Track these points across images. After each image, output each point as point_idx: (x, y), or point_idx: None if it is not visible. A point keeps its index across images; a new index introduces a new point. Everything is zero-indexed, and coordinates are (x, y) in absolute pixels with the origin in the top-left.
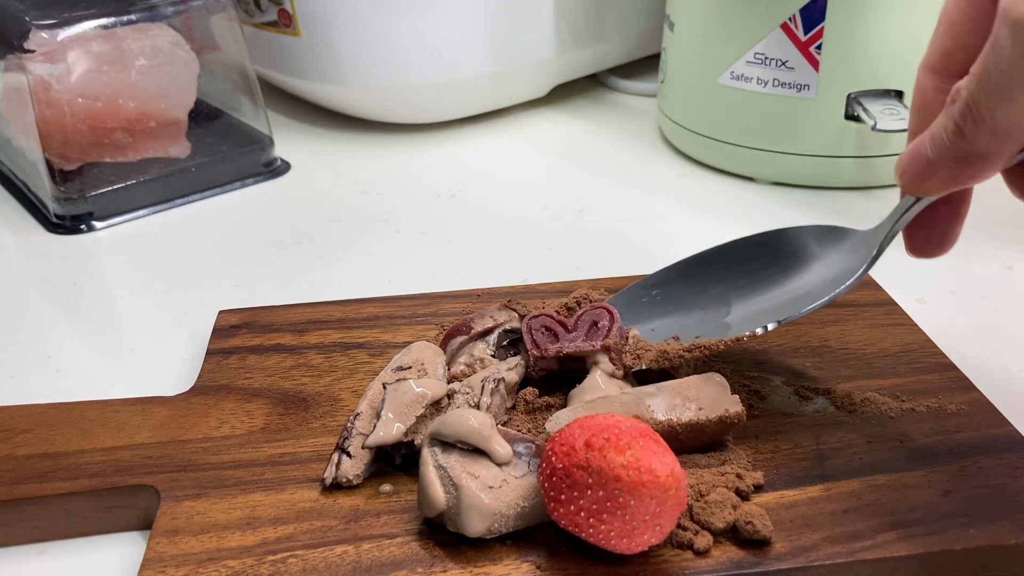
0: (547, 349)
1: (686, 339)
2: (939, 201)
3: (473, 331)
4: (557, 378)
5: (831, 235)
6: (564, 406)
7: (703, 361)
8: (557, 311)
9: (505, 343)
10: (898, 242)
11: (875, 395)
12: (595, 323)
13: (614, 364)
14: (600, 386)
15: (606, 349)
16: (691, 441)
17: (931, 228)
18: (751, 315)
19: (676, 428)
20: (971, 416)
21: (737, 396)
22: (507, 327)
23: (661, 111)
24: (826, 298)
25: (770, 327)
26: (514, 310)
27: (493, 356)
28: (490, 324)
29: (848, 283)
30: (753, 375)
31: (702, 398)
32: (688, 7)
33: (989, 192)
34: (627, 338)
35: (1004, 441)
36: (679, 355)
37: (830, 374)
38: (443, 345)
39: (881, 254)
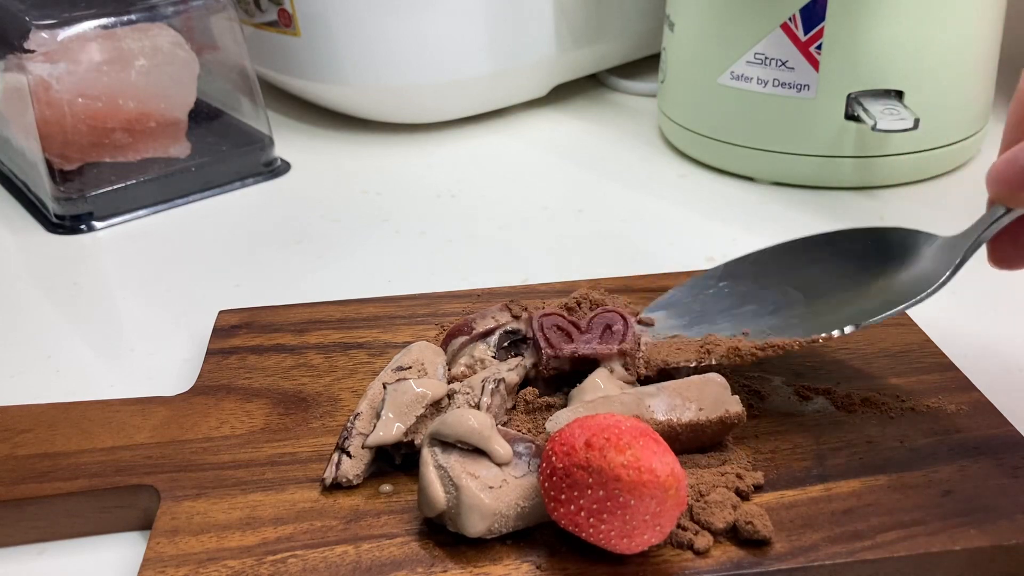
0: (562, 349)
1: (756, 336)
2: None
3: (474, 332)
4: (559, 378)
5: (912, 238)
6: (564, 406)
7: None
8: (558, 310)
9: (506, 344)
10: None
11: (875, 395)
12: (609, 327)
13: (627, 369)
14: (600, 386)
15: (622, 354)
16: (691, 441)
17: (1018, 239)
18: (826, 316)
19: (676, 428)
20: (971, 416)
21: (737, 396)
22: (508, 328)
23: (661, 111)
24: (905, 304)
25: (847, 330)
26: (511, 310)
27: (494, 357)
28: (491, 325)
29: (929, 290)
30: (753, 375)
31: (702, 398)
32: (688, 7)
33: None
34: (639, 343)
35: (1004, 441)
36: (752, 353)
37: (830, 374)
38: (444, 345)
39: (964, 263)
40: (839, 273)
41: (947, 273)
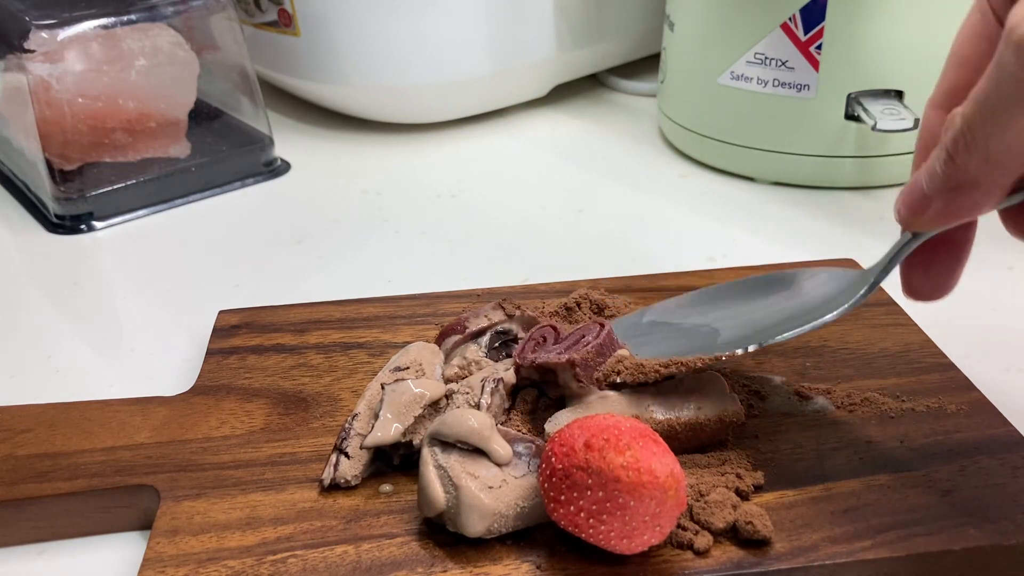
0: (525, 359)
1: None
2: (938, 242)
3: (467, 331)
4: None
5: (832, 273)
6: (564, 406)
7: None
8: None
9: (497, 344)
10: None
11: (875, 395)
12: (583, 336)
13: (578, 380)
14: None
15: (571, 363)
16: (690, 441)
17: (930, 270)
18: (737, 337)
19: (675, 427)
20: (971, 416)
21: (736, 396)
22: (499, 329)
23: (661, 111)
24: (809, 325)
25: (751, 348)
26: (504, 309)
27: (486, 357)
28: (484, 324)
29: (833, 313)
30: (753, 375)
31: (701, 397)
32: (688, 7)
33: None
34: (607, 354)
35: (1004, 441)
36: (655, 370)
37: (830, 374)
38: (438, 343)
39: (874, 289)
40: (760, 304)
41: (854, 298)
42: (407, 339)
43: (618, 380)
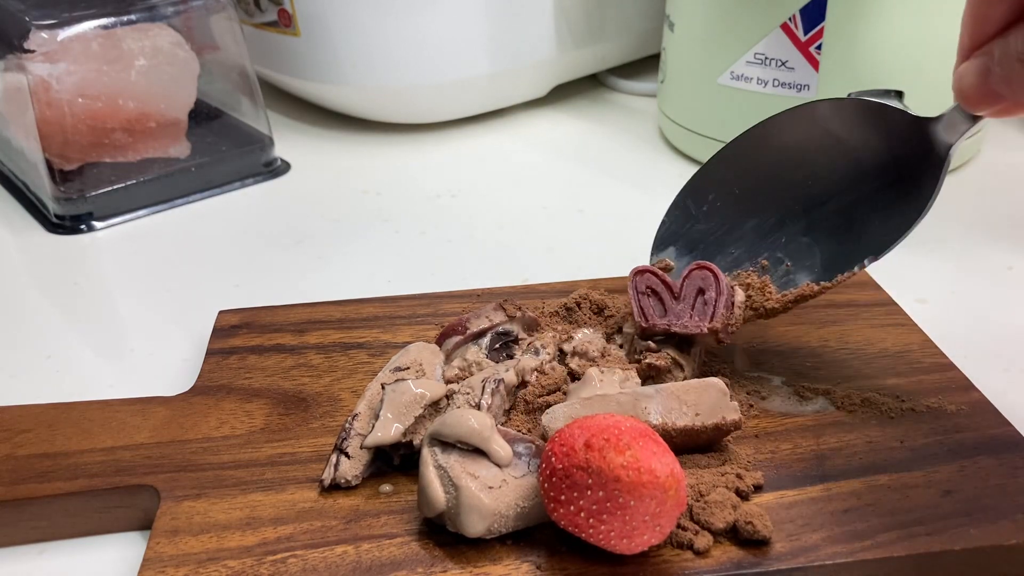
0: (655, 323)
1: (773, 263)
2: None
3: (468, 331)
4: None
5: (886, 116)
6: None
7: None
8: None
9: (498, 346)
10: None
11: (875, 395)
12: (702, 292)
13: (719, 342)
14: (596, 385)
15: (713, 332)
16: (685, 444)
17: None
18: (833, 235)
19: (671, 432)
20: (971, 416)
21: (736, 404)
22: (500, 330)
23: (661, 111)
24: (915, 225)
25: (867, 263)
26: (505, 310)
27: (487, 357)
28: (485, 324)
29: (926, 209)
30: (753, 375)
31: (700, 403)
32: (688, 7)
33: (989, 192)
34: (732, 307)
35: (1004, 441)
36: (784, 306)
37: (830, 374)
38: (438, 343)
39: (947, 170)
40: (822, 165)
41: (934, 191)
42: (407, 339)
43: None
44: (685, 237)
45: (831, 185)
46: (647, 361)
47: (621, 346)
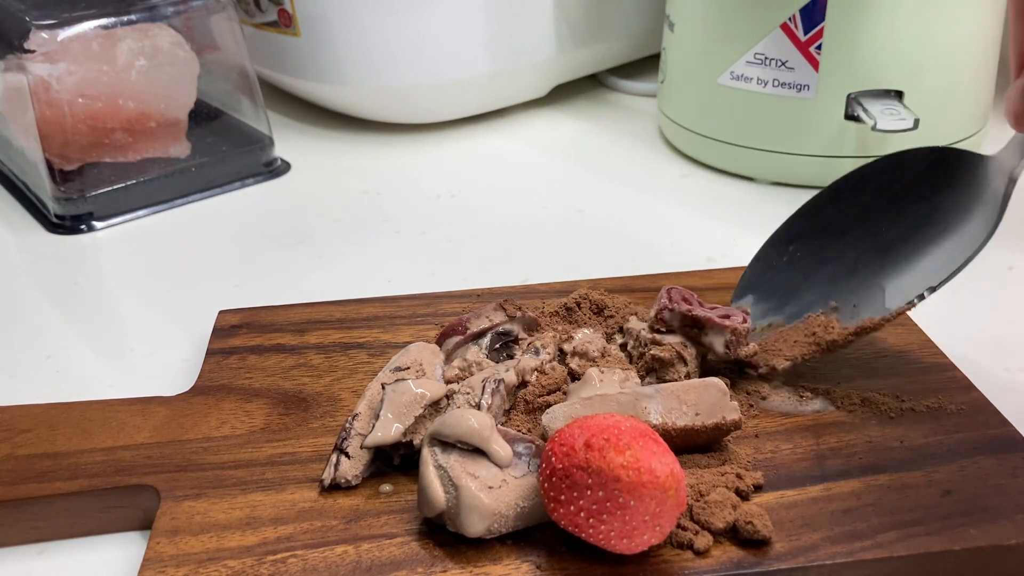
0: (678, 305)
1: (843, 308)
2: None
3: (468, 332)
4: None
5: (955, 161)
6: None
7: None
8: (556, 312)
9: (498, 346)
10: None
11: (875, 395)
12: (730, 315)
13: (727, 348)
14: (596, 384)
15: (734, 331)
16: (684, 444)
17: None
18: (900, 275)
19: (670, 432)
20: (971, 416)
21: (736, 404)
22: (500, 330)
23: (661, 111)
24: (966, 260)
25: (927, 295)
26: (505, 310)
27: (486, 358)
28: (486, 324)
29: (984, 240)
30: (753, 375)
31: (700, 403)
32: (688, 7)
33: None
34: (747, 340)
35: (1004, 441)
36: (847, 340)
37: (830, 374)
38: (438, 343)
39: (1007, 203)
40: (895, 212)
41: (995, 221)
42: (407, 339)
43: (818, 355)
44: (764, 285)
45: (903, 230)
46: (652, 353)
47: (622, 346)
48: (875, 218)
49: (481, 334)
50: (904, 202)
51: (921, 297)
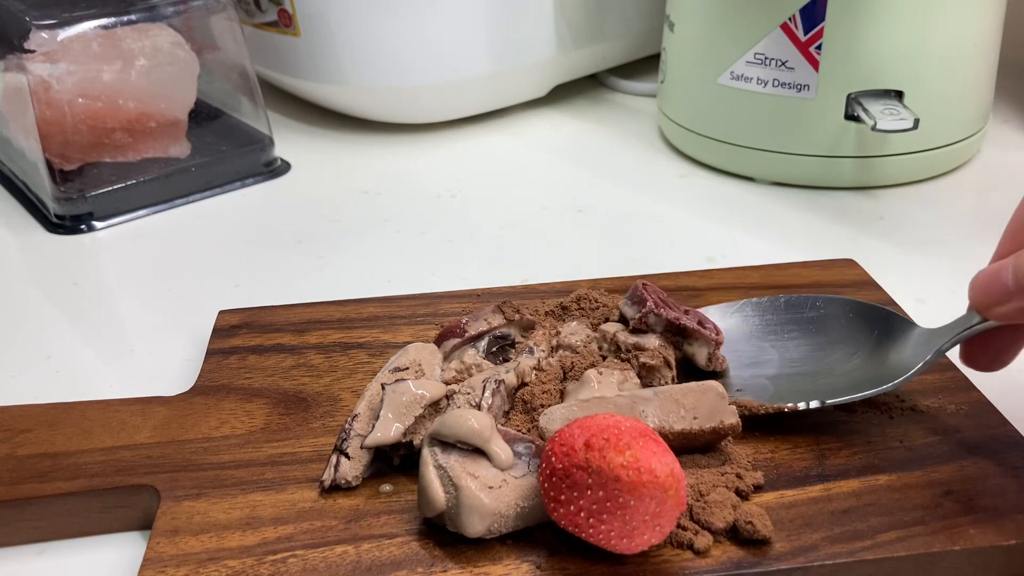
0: (666, 313)
1: (751, 391)
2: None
3: (467, 334)
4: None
5: (890, 322)
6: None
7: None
8: (554, 312)
9: (495, 349)
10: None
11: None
12: (703, 323)
13: (710, 360)
14: (594, 386)
15: (717, 344)
16: (683, 447)
17: (988, 344)
18: (796, 383)
19: (668, 436)
20: (971, 416)
21: (734, 407)
22: (497, 333)
23: (661, 111)
24: (872, 391)
25: (812, 405)
26: (504, 313)
27: (484, 360)
28: (484, 327)
29: (897, 381)
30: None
31: (698, 407)
32: (688, 7)
33: (989, 192)
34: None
35: (1004, 441)
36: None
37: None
38: (437, 344)
39: (934, 361)
40: (819, 340)
41: (916, 367)
42: (407, 339)
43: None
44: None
45: (809, 360)
46: (641, 360)
47: (600, 346)
48: (789, 343)
49: (479, 337)
50: (828, 338)
51: (807, 406)
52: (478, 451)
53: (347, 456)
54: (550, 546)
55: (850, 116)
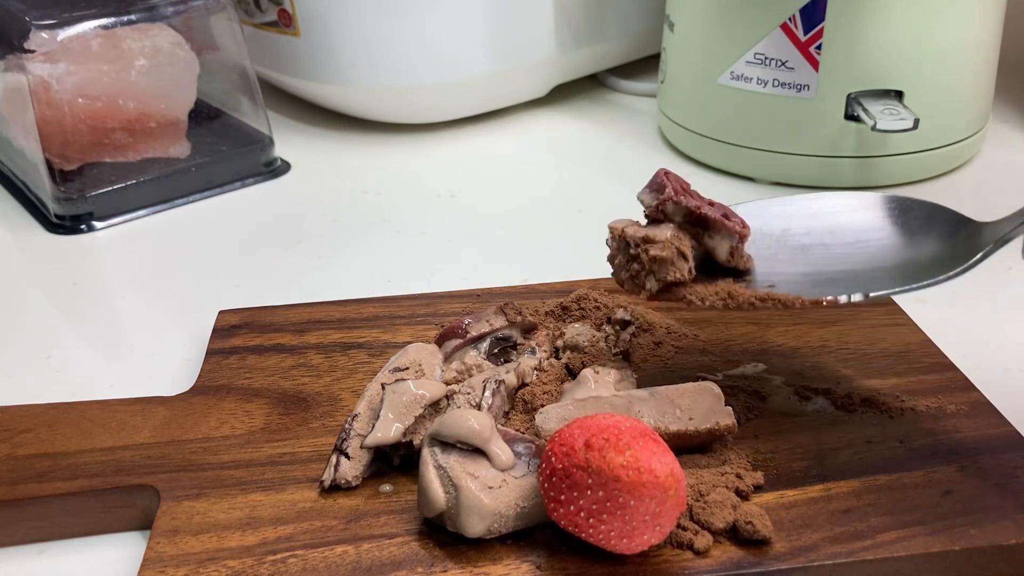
0: (686, 201)
1: (784, 287)
2: None
3: (468, 335)
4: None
5: (944, 218)
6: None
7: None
8: (554, 312)
9: (496, 351)
10: None
11: (875, 395)
12: (727, 214)
13: (732, 257)
14: (591, 385)
15: (741, 237)
16: (679, 448)
17: None
18: (836, 279)
19: (663, 436)
20: (971, 416)
21: (731, 408)
22: (499, 335)
23: (661, 111)
24: (919, 284)
25: (855, 298)
26: (506, 314)
27: (485, 361)
28: (485, 328)
29: (957, 271)
30: (753, 375)
31: (694, 408)
32: (688, 7)
33: (989, 192)
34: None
35: (1004, 441)
36: (750, 302)
37: (830, 374)
38: (438, 344)
39: (988, 256)
40: (866, 239)
41: (976, 256)
42: (407, 339)
43: (720, 307)
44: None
45: (855, 253)
46: (652, 253)
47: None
48: (838, 237)
49: (480, 338)
50: (872, 233)
51: (849, 299)
52: (478, 451)
53: (347, 456)
54: (550, 546)
55: (850, 116)
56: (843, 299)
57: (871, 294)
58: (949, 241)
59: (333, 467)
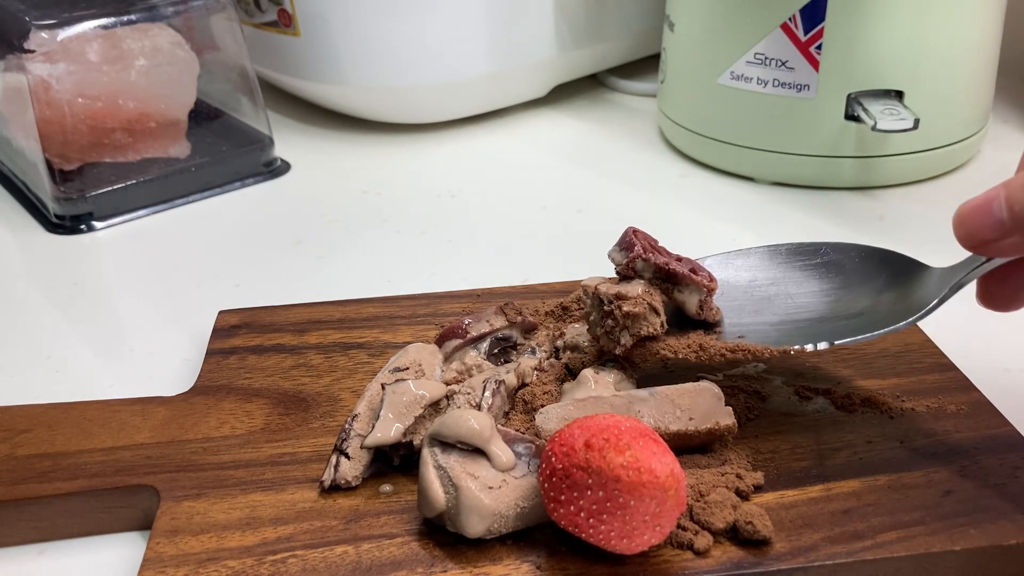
0: (654, 258)
1: (754, 338)
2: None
3: (468, 336)
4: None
5: (900, 265)
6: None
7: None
8: (554, 312)
9: (496, 351)
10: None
11: (875, 395)
12: (695, 271)
13: (701, 310)
14: (591, 386)
15: (709, 291)
16: (678, 448)
17: (1006, 281)
18: (802, 328)
19: (663, 436)
20: (971, 416)
21: (731, 408)
22: (499, 335)
23: (661, 111)
24: (879, 331)
25: (820, 347)
26: (506, 315)
27: (485, 362)
28: (486, 329)
29: (913, 318)
30: (753, 375)
31: (694, 408)
32: (688, 7)
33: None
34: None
35: (1004, 441)
36: (721, 354)
37: (830, 374)
38: (438, 344)
39: (944, 301)
40: (824, 288)
41: (932, 303)
42: (407, 339)
43: (692, 359)
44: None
45: (817, 304)
46: (624, 309)
47: (583, 303)
48: (803, 287)
49: (480, 338)
50: (834, 282)
51: (815, 347)
52: (478, 451)
53: (347, 456)
54: (550, 546)
55: (850, 116)
56: (809, 348)
57: (836, 342)
58: (906, 288)
59: (333, 467)
